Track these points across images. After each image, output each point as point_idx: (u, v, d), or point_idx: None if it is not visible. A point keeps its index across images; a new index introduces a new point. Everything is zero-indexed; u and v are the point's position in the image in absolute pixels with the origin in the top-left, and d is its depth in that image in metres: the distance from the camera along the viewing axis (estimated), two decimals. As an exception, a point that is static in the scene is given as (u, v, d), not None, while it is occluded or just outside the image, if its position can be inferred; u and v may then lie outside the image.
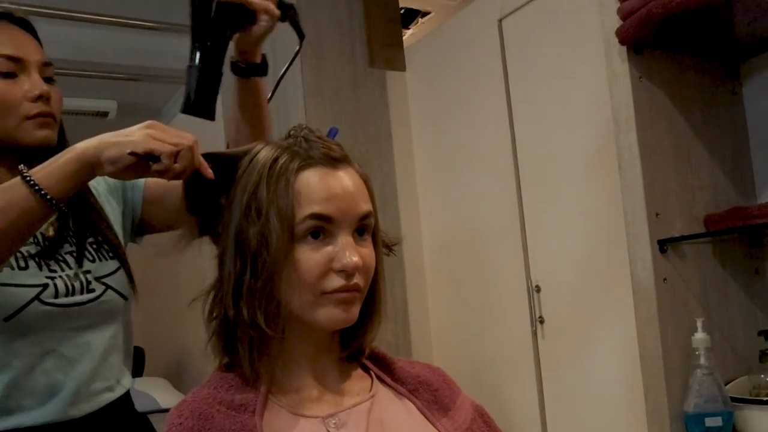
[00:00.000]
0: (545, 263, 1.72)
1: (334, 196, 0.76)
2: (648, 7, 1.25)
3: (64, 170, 0.86)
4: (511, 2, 1.78)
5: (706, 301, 1.41)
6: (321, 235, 0.76)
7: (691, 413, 1.30)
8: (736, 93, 1.54)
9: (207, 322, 0.80)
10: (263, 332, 0.75)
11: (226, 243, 0.79)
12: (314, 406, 0.78)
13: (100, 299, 1.09)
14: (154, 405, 3.11)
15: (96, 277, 1.10)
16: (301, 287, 0.75)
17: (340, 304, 0.76)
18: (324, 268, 0.75)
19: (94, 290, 1.09)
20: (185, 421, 0.74)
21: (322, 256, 0.75)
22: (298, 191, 0.76)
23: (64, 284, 1.05)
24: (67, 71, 2.55)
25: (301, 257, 0.75)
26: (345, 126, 2.06)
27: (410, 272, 2.11)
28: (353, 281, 0.76)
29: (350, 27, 2.12)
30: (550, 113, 1.69)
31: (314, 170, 0.77)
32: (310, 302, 0.76)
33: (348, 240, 0.76)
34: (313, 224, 0.75)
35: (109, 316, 1.12)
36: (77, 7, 2.06)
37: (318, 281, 0.75)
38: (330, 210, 0.75)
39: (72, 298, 1.06)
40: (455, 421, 0.82)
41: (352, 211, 0.77)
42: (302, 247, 0.75)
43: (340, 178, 0.78)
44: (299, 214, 0.75)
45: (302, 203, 0.75)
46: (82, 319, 1.07)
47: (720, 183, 1.48)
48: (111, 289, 1.11)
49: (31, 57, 1.06)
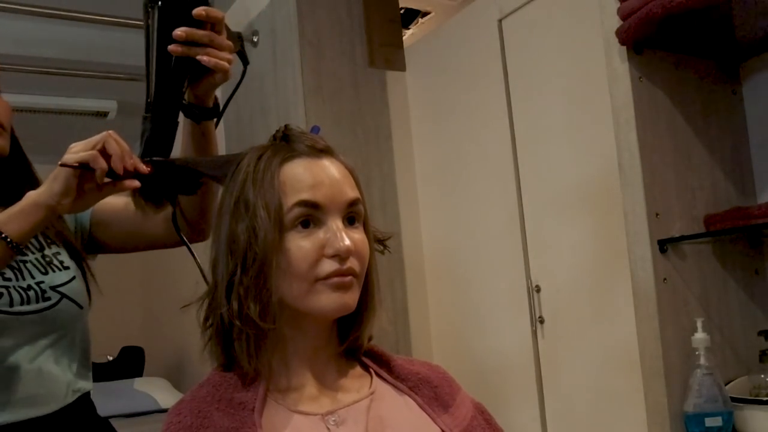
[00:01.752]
0: (545, 263, 1.72)
1: (320, 183, 0.77)
2: (648, 7, 1.25)
3: (26, 217, 0.91)
4: (511, 2, 1.78)
5: (706, 301, 1.41)
6: (311, 224, 0.76)
7: (691, 413, 1.30)
8: (736, 93, 1.54)
9: (202, 330, 0.80)
10: (258, 327, 0.75)
11: (218, 248, 0.79)
12: (313, 403, 0.78)
13: (56, 308, 1.11)
14: (154, 405, 3.11)
15: (51, 286, 1.11)
16: (294, 277, 0.75)
17: (337, 290, 0.76)
18: (316, 255, 0.75)
19: (49, 299, 1.10)
20: (184, 419, 0.74)
21: (313, 243, 0.75)
22: (283, 182, 0.76)
23: (18, 293, 1.06)
24: (67, 71, 2.55)
25: (292, 246, 0.75)
26: (345, 126, 2.07)
27: (410, 272, 2.11)
28: (347, 265, 0.76)
29: (350, 27, 2.12)
30: (550, 113, 1.69)
31: (298, 161, 0.78)
32: (306, 291, 0.76)
33: (338, 225, 0.77)
34: (301, 212, 0.75)
35: (63, 325, 1.13)
36: (77, 7, 2.06)
37: (311, 268, 0.75)
38: (317, 197, 0.76)
39: (27, 306, 1.07)
40: (456, 417, 0.82)
41: (339, 197, 0.77)
42: (293, 236, 0.75)
43: (325, 167, 0.79)
44: (286, 204, 0.75)
45: (289, 193, 0.76)
46: (36, 327, 1.08)
47: (720, 183, 1.48)
48: (66, 298, 1.13)
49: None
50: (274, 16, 2.17)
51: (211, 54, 0.94)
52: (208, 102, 1.04)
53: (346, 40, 2.11)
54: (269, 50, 2.21)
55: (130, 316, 4.23)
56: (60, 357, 1.12)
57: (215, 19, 0.94)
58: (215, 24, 0.95)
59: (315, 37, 2.05)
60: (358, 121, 2.09)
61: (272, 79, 2.18)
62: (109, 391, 3.08)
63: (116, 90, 2.94)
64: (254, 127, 2.30)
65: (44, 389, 1.09)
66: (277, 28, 2.15)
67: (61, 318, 1.12)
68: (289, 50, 2.09)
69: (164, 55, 0.93)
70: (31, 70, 2.45)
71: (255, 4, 2.31)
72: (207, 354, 0.81)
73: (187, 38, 0.92)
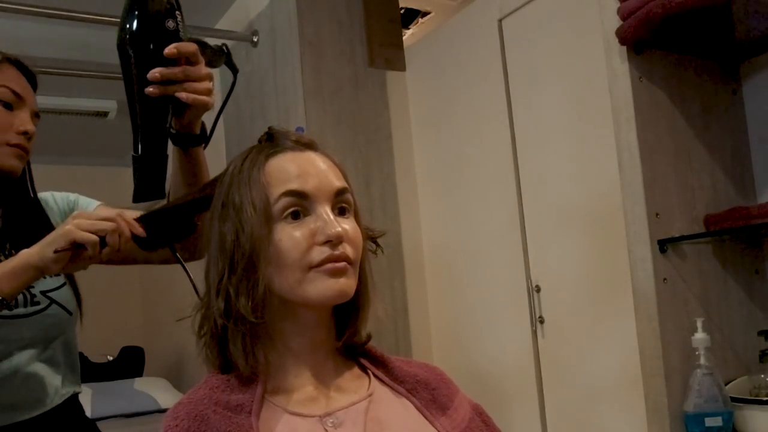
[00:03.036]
0: (545, 263, 1.72)
1: (306, 173, 0.77)
2: (648, 7, 1.25)
3: (17, 278, 0.94)
4: (511, 2, 1.78)
5: (706, 301, 1.41)
6: (300, 215, 0.76)
7: (691, 413, 1.30)
8: (736, 93, 1.54)
9: (197, 338, 0.80)
10: (250, 323, 0.75)
11: (210, 253, 0.79)
12: (311, 405, 0.78)
13: (45, 312, 1.12)
14: (154, 405, 3.11)
15: (41, 291, 1.12)
16: (287, 267, 0.75)
17: (332, 275, 0.75)
18: (307, 243, 0.75)
19: (38, 303, 1.11)
20: (181, 423, 0.74)
21: (304, 232, 0.75)
22: (269, 175, 0.77)
23: None
24: (67, 71, 2.55)
25: (283, 236, 0.75)
26: (345, 126, 2.07)
27: (410, 272, 2.11)
28: (339, 250, 0.75)
29: (350, 27, 2.12)
30: (550, 113, 1.69)
31: (284, 155, 0.79)
32: (299, 280, 0.75)
33: (328, 212, 0.76)
34: (289, 202, 0.75)
35: (51, 330, 1.14)
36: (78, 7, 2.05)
37: (303, 257, 0.75)
38: (304, 186, 0.76)
39: (15, 310, 1.08)
40: (453, 420, 0.82)
41: (327, 186, 0.77)
42: (282, 227, 0.75)
43: (311, 158, 0.79)
44: (273, 195, 0.76)
45: (275, 185, 0.76)
46: (25, 331, 1.09)
47: (720, 183, 1.48)
48: (55, 304, 1.14)
49: (29, 100, 1.17)
50: (274, 16, 2.17)
51: (189, 89, 0.94)
52: (195, 129, 1.03)
53: (346, 40, 2.11)
54: (269, 50, 2.21)
55: (130, 317, 4.23)
56: (48, 362, 1.13)
57: (188, 53, 0.94)
58: (190, 56, 0.95)
59: (315, 37, 2.05)
60: (358, 121, 2.09)
61: (272, 79, 2.18)
62: (109, 391, 3.08)
63: (116, 90, 2.92)
64: (254, 127, 2.30)
65: (33, 393, 1.10)
66: (277, 28, 2.15)
67: (50, 323, 1.13)
68: (289, 50, 2.09)
69: (143, 96, 0.94)
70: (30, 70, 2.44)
71: (255, 4, 2.31)
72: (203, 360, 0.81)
73: (162, 78, 0.93)
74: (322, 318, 0.81)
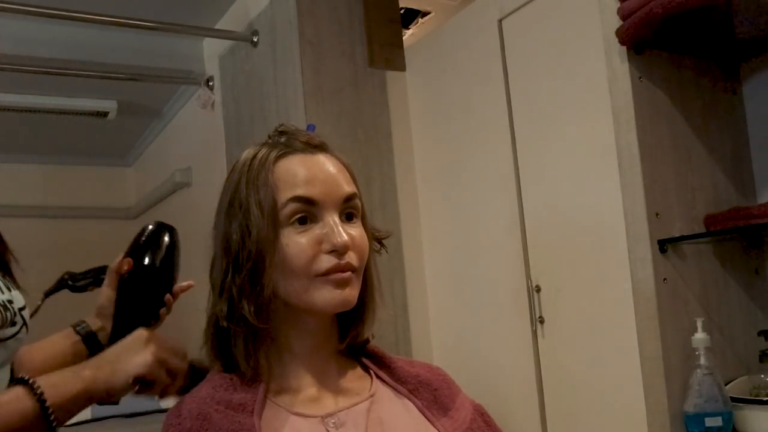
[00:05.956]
0: (545, 263, 1.72)
1: (314, 179, 0.76)
2: (648, 7, 1.25)
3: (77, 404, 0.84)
4: (511, 2, 1.78)
5: (706, 301, 1.41)
6: (308, 221, 0.76)
7: (691, 413, 1.30)
8: (736, 93, 1.54)
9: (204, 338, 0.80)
10: (253, 327, 0.75)
11: (215, 253, 0.79)
12: (313, 405, 0.78)
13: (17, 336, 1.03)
14: (154, 405, 3.10)
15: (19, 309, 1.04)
16: (292, 273, 0.75)
17: (337, 286, 0.75)
18: (313, 251, 0.75)
19: (15, 324, 1.02)
20: (183, 421, 0.74)
21: (310, 239, 0.75)
22: (278, 178, 0.76)
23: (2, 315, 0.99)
24: (67, 71, 2.55)
25: (289, 242, 0.75)
26: (345, 126, 2.06)
27: (410, 272, 2.11)
28: (345, 260, 0.75)
29: (350, 27, 2.12)
30: (550, 113, 1.69)
31: (293, 157, 0.78)
32: (305, 287, 0.75)
33: (335, 220, 0.76)
34: (296, 208, 0.75)
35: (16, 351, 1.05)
36: (78, 7, 2.05)
37: (309, 264, 0.74)
38: (312, 192, 0.75)
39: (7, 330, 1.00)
40: (455, 420, 0.82)
41: (335, 192, 0.77)
42: (289, 233, 0.75)
43: (321, 162, 0.78)
44: (281, 200, 0.75)
45: (283, 188, 0.75)
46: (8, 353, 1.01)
47: (720, 183, 1.48)
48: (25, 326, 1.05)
49: None
50: (274, 16, 2.17)
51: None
52: None
53: (346, 40, 2.11)
54: (269, 50, 2.20)
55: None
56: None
57: None
58: None
59: (315, 37, 2.05)
60: (358, 121, 2.09)
61: (272, 79, 2.18)
62: (109, 391, 3.07)
63: (116, 90, 2.94)
64: (254, 127, 2.30)
65: None
66: (277, 28, 2.15)
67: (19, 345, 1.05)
68: (289, 50, 2.09)
69: None
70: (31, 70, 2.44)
71: (255, 4, 2.31)
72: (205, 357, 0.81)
73: None
74: (324, 322, 0.81)
